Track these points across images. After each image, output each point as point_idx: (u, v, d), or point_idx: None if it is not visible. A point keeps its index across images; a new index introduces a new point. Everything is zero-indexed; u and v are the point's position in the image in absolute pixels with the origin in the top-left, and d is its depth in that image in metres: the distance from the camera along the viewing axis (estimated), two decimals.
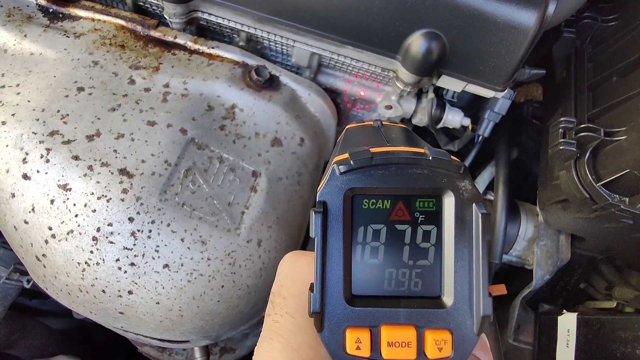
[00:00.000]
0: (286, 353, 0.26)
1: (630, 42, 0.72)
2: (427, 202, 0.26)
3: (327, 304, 0.25)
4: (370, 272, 0.26)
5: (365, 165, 0.25)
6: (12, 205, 0.54)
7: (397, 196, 0.26)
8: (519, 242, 1.00)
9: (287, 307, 0.28)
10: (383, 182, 0.25)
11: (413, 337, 0.24)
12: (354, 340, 0.24)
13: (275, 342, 0.27)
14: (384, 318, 0.25)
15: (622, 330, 0.77)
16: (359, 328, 0.25)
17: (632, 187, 0.67)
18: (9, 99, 0.57)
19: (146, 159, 0.56)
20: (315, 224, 0.25)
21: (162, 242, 0.54)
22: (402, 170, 0.25)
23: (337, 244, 0.25)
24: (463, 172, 0.25)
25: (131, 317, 0.56)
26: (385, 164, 0.25)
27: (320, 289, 0.25)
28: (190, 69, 0.66)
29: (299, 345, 0.27)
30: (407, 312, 0.25)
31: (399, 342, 0.24)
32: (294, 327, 0.27)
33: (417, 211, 0.26)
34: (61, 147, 0.54)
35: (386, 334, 0.24)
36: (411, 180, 0.25)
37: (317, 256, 0.25)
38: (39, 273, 0.56)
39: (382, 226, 0.26)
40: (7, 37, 0.64)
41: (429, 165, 0.25)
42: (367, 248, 0.26)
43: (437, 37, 0.61)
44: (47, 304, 1.37)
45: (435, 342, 0.24)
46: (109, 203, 0.53)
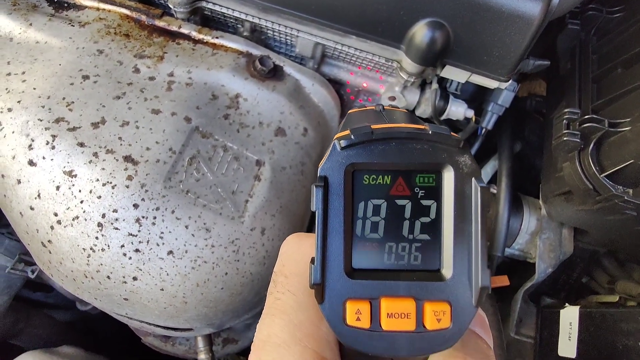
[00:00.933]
0: (287, 328, 0.27)
1: (636, 33, 0.72)
2: (427, 177, 0.26)
3: (327, 276, 0.25)
4: (370, 246, 0.26)
5: (365, 140, 0.25)
6: (18, 191, 0.54)
7: (397, 172, 0.26)
8: (522, 236, 1.00)
9: (289, 285, 0.29)
10: (383, 157, 0.26)
11: (412, 308, 0.25)
12: (354, 311, 0.25)
13: (277, 319, 0.27)
14: (384, 290, 0.25)
15: (625, 323, 0.77)
16: (359, 300, 0.25)
17: (636, 178, 0.67)
18: (15, 86, 0.58)
19: (151, 147, 0.57)
20: (316, 197, 0.25)
21: (167, 228, 0.54)
22: (402, 145, 0.26)
23: (338, 218, 0.26)
24: (462, 147, 0.26)
25: (136, 304, 0.57)
26: (385, 139, 0.26)
27: (321, 261, 0.25)
28: (195, 58, 0.67)
29: (300, 321, 0.27)
30: (407, 285, 0.25)
31: (399, 314, 0.25)
32: (295, 304, 0.28)
33: (417, 186, 0.26)
34: (67, 134, 0.55)
35: (386, 306, 0.25)
36: (411, 155, 0.26)
37: (317, 229, 0.26)
38: (45, 259, 0.57)
39: (383, 201, 0.26)
40: (13, 25, 0.64)
41: (428, 140, 0.26)
42: (368, 223, 0.26)
43: (441, 26, 0.61)
44: (52, 296, 1.38)
45: (434, 314, 0.25)
46: (114, 190, 0.53)
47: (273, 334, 0.27)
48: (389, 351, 0.25)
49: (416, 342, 0.25)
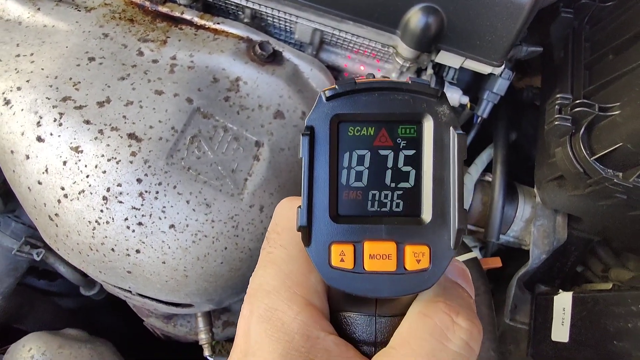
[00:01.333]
0: (278, 277, 0.28)
1: (627, 20, 0.74)
2: (408, 128, 0.27)
3: (314, 221, 0.27)
4: (354, 194, 0.27)
5: (349, 89, 0.27)
6: (27, 166, 0.56)
7: (380, 123, 0.27)
8: (517, 223, 1.02)
9: (281, 240, 0.30)
10: (367, 108, 0.27)
11: (393, 250, 0.26)
12: (338, 253, 0.26)
13: (269, 269, 0.29)
14: (367, 234, 0.26)
15: (616, 306, 0.79)
16: (343, 243, 0.26)
17: (626, 161, 0.68)
18: (24, 66, 0.60)
19: (154, 125, 0.59)
20: (303, 145, 0.27)
21: (169, 203, 0.56)
22: (384, 96, 0.27)
23: (324, 167, 0.27)
24: (441, 96, 0.27)
25: (138, 277, 0.59)
26: (368, 89, 0.27)
27: (307, 205, 0.26)
28: (197, 43, 0.69)
29: (290, 271, 0.29)
30: (389, 229, 0.27)
31: (380, 255, 0.26)
32: (286, 257, 0.29)
33: (399, 137, 0.27)
34: (73, 112, 0.57)
35: (368, 248, 0.26)
36: (393, 105, 0.27)
37: (304, 176, 0.27)
38: (51, 233, 0.59)
39: (367, 152, 0.27)
40: (22, 9, 0.66)
41: (409, 91, 0.27)
42: (352, 172, 0.27)
43: (435, 11, 0.63)
44: (55, 284, 1.40)
45: (414, 255, 0.26)
46: (119, 165, 0.56)
47: (264, 282, 0.29)
48: (371, 292, 0.26)
49: (397, 283, 0.26)
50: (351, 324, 0.29)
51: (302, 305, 0.28)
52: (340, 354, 0.27)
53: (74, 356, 0.93)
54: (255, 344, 0.27)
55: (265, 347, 0.27)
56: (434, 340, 0.26)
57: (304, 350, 0.26)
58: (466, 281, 0.30)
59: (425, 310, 0.28)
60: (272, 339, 0.27)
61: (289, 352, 0.26)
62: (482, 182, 1.02)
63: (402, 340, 0.27)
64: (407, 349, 0.26)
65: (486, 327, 0.69)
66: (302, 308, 0.28)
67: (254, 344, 0.27)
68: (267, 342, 0.27)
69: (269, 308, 0.28)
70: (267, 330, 0.27)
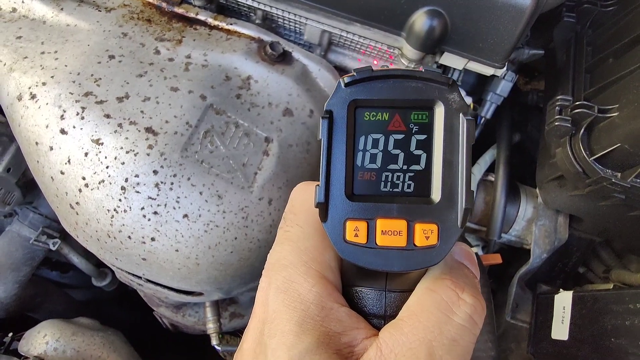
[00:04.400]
0: (295, 253, 0.31)
1: (627, 24, 0.76)
2: (420, 114, 0.29)
3: (330, 198, 0.28)
4: (369, 175, 0.29)
5: (366, 76, 0.28)
6: (50, 157, 0.60)
7: (394, 109, 0.29)
8: (519, 222, 1.04)
9: (297, 220, 0.32)
10: (382, 94, 0.28)
11: (404, 227, 0.28)
12: (352, 229, 0.28)
13: (286, 246, 0.31)
14: (380, 212, 0.28)
15: (615, 304, 0.80)
16: (358, 220, 0.28)
17: (624, 162, 0.70)
18: (48, 63, 0.63)
19: (169, 120, 0.62)
20: (322, 127, 0.28)
21: (183, 194, 0.59)
22: (399, 83, 0.28)
23: (341, 148, 0.28)
24: (452, 84, 0.28)
25: (152, 264, 0.62)
26: (384, 77, 0.28)
27: (325, 184, 0.28)
28: (210, 42, 0.72)
29: (306, 247, 0.31)
30: (400, 207, 0.28)
31: (392, 231, 0.28)
32: (302, 235, 0.31)
33: (411, 122, 0.29)
34: (95, 106, 0.60)
35: (381, 225, 0.28)
36: (406, 92, 0.28)
37: (322, 156, 0.28)
38: (72, 221, 0.62)
39: (381, 135, 0.29)
40: (46, 10, 0.70)
41: (422, 78, 0.28)
42: (367, 154, 0.29)
43: (439, 14, 0.66)
44: (67, 277, 1.44)
45: (423, 232, 0.28)
46: (136, 157, 0.59)
47: (282, 257, 0.31)
48: (383, 265, 0.28)
49: (407, 258, 0.28)
50: (363, 297, 0.31)
51: (317, 278, 0.30)
52: (351, 325, 0.29)
53: (87, 343, 0.96)
54: (273, 313, 0.29)
55: (282, 315, 0.28)
56: (440, 313, 0.28)
57: (318, 319, 0.28)
58: (472, 263, 0.32)
59: (433, 286, 0.29)
60: (289, 308, 0.29)
61: (305, 320, 0.28)
62: (485, 181, 1.04)
63: (410, 313, 0.29)
64: (414, 321, 0.28)
65: (488, 332, 0.70)
66: (317, 281, 0.29)
67: (272, 313, 0.29)
68: (285, 311, 0.29)
69: (286, 280, 0.30)
70: (284, 300, 0.29)
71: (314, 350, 0.27)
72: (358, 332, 0.29)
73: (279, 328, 0.28)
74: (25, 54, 0.65)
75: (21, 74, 0.63)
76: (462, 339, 0.28)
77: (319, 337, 0.28)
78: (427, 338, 0.27)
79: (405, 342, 0.27)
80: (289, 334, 0.28)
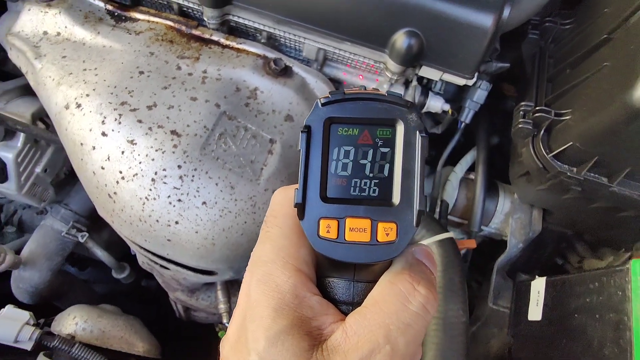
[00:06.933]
0: (274, 250, 0.34)
1: (581, 39, 0.88)
2: (385, 130, 0.33)
3: (307, 200, 0.32)
4: (340, 181, 0.33)
5: (339, 98, 0.33)
6: (93, 155, 0.73)
7: (363, 125, 0.33)
8: (497, 216, 1.15)
9: (276, 222, 0.35)
10: (353, 113, 0.33)
11: (368, 225, 0.32)
12: (325, 226, 0.32)
13: (266, 244, 0.35)
14: (349, 212, 0.32)
15: (578, 286, 0.91)
16: (330, 218, 0.32)
17: (577, 158, 0.82)
18: (90, 78, 0.76)
19: (190, 124, 0.75)
20: (302, 140, 0.33)
21: (202, 185, 0.72)
22: (367, 104, 0.33)
23: (317, 157, 0.33)
24: (410, 106, 0.33)
25: (176, 244, 0.74)
26: (354, 99, 0.33)
27: (303, 187, 0.32)
28: (223, 59, 0.85)
29: (284, 245, 0.34)
30: (366, 209, 0.32)
31: (358, 228, 0.32)
32: (280, 234, 0.35)
33: (377, 137, 0.33)
34: (129, 113, 0.73)
35: (349, 223, 0.32)
36: (373, 112, 0.33)
37: (301, 163, 0.33)
38: (109, 208, 0.75)
39: (352, 148, 0.33)
40: (85, 33, 0.84)
41: (386, 101, 0.33)
42: (339, 163, 0.33)
43: (416, 34, 0.79)
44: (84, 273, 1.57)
45: (385, 230, 0.32)
46: (164, 154, 0.71)
47: (263, 254, 0.35)
48: (350, 258, 0.32)
49: (371, 251, 0.32)
50: (334, 287, 0.35)
51: (292, 271, 0.33)
52: (321, 311, 0.33)
53: (111, 325, 1.08)
54: (254, 301, 0.33)
55: (262, 302, 0.32)
56: (398, 302, 0.32)
57: (293, 305, 0.32)
58: (430, 262, 0.36)
59: (393, 279, 0.33)
60: (267, 296, 0.32)
61: (281, 306, 0.32)
62: (467, 179, 1.16)
63: (373, 301, 0.33)
64: (376, 308, 0.32)
65: (457, 291, 0.81)
66: (292, 273, 0.33)
67: (253, 301, 0.33)
68: (264, 299, 0.32)
69: (265, 274, 0.33)
70: (264, 290, 0.33)
71: (288, 332, 0.31)
72: (327, 317, 0.33)
73: (258, 313, 0.32)
74: (70, 71, 0.78)
75: (67, 87, 0.76)
76: (415, 324, 0.32)
77: (293, 321, 0.31)
78: (385, 322, 0.31)
79: (367, 325, 0.31)
80: (267, 318, 0.31)
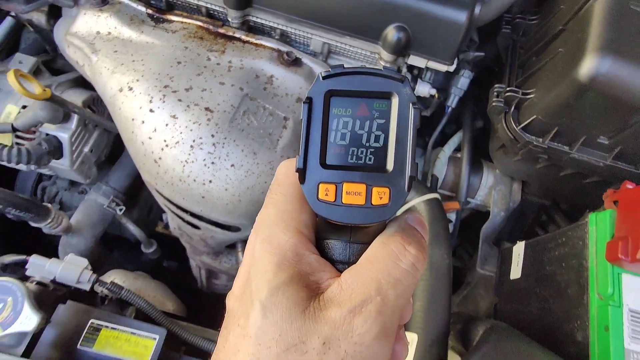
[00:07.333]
0: (277, 213, 0.36)
1: (544, 32, 1.05)
2: (381, 103, 0.35)
3: (308, 166, 0.34)
4: (339, 149, 0.35)
5: (339, 72, 0.35)
6: (142, 128, 0.90)
7: (360, 98, 0.35)
8: (482, 189, 1.31)
9: (280, 189, 0.38)
10: (351, 86, 0.34)
11: (363, 190, 0.34)
12: (324, 190, 0.34)
13: (270, 209, 0.37)
14: (346, 177, 0.34)
15: (549, 242, 1.06)
16: (328, 183, 0.34)
17: (541, 129, 0.98)
18: (138, 67, 0.94)
19: (220, 103, 0.92)
20: (304, 110, 0.34)
21: (231, 150, 0.89)
22: (364, 78, 0.35)
23: (317, 128, 0.34)
24: (404, 81, 0.34)
25: (208, 201, 0.91)
26: (353, 73, 0.35)
27: (304, 154, 0.34)
28: (244, 52, 1.02)
29: (287, 209, 0.36)
30: (361, 175, 0.34)
31: (354, 192, 0.34)
32: (284, 200, 0.37)
33: (374, 109, 0.35)
34: (171, 94, 0.91)
35: (346, 187, 0.34)
36: (370, 85, 0.34)
37: (302, 133, 0.34)
38: (154, 172, 0.92)
39: (350, 119, 0.35)
40: (131, 32, 1.02)
41: (382, 75, 0.35)
42: (338, 133, 0.35)
43: (404, 28, 0.95)
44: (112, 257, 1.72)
45: (378, 194, 0.34)
46: (200, 126, 0.89)
47: (267, 217, 0.36)
48: (346, 219, 0.34)
49: (365, 214, 0.34)
50: (331, 248, 0.37)
51: (294, 232, 0.35)
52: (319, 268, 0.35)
53: (145, 286, 1.24)
54: (258, 258, 0.35)
55: (265, 259, 0.34)
56: (389, 260, 0.34)
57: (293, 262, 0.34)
58: (422, 227, 0.38)
59: (386, 240, 0.35)
60: (270, 253, 0.34)
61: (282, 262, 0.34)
62: (454, 158, 1.32)
63: (367, 260, 0.35)
64: (369, 265, 0.34)
65: (442, 241, 0.97)
66: (293, 234, 0.35)
67: (257, 258, 0.35)
68: (267, 256, 0.34)
69: (269, 234, 0.35)
70: (267, 248, 0.35)
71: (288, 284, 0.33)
72: (324, 273, 0.35)
73: (261, 268, 0.34)
74: (122, 62, 0.96)
75: (120, 74, 0.94)
76: (405, 280, 0.34)
77: (293, 275, 0.34)
78: (377, 277, 0.33)
79: (361, 280, 0.33)
80: (270, 272, 0.34)
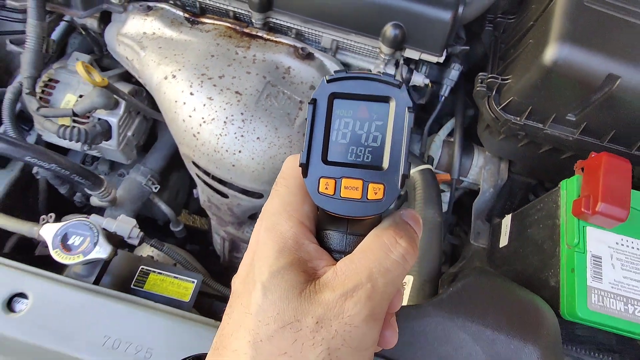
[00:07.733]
0: (281, 204, 0.38)
1: (519, 28, 1.23)
2: (380, 106, 0.37)
3: (310, 161, 0.36)
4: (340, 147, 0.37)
5: (342, 76, 0.37)
6: (183, 108, 1.09)
7: (361, 101, 0.37)
8: (473, 169, 1.47)
9: (285, 182, 0.39)
10: (353, 90, 0.37)
11: (360, 185, 0.36)
12: (324, 184, 0.36)
13: (275, 200, 0.39)
14: (345, 173, 0.36)
15: (531, 209, 1.22)
16: (329, 178, 0.36)
17: (518, 109, 1.15)
18: (180, 59, 1.14)
19: (247, 88, 1.11)
20: (309, 111, 0.36)
21: (257, 125, 1.07)
22: (365, 82, 0.37)
23: (321, 127, 0.36)
24: (401, 86, 0.36)
25: (237, 169, 1.09)
26: (354, 77, 0.37)
27: (307, 150, 0.36)
28: (266, 48, 1.22)
29: (290, 201, 0.38)
30: (359, 171, 0.36)
31: (352, 187, 0.36)
32: (288, 192, 0.39)
33: (373, 111, 0.37)
34: (207, 81, 1.10)
35: (344, 182, 0.36)
36: (370, 89, 0.36)
37: (307, 132, 0.36)
38: (192, 145, 1.10)
39: (351, 120, 0.37)
40: (172, 32, 1.22)
41: (381, 81, 0.37)
42: (340, 133, 0.37)
43: (400, 26, 1.14)
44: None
45: (374, 190, 0.36)
46: (231, 106, 1.08)
47: (272, 208, 0.39)
48: (344, 211, 0.36)
49: (361, 207, 0.36)
50: (329, 238, 0.39)
51: (295, 222, 0.37)
52: (317, 256, 0.37)
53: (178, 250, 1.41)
54: (262, 244, 0.37)
55: (267, 245, 0.36)
56: (381, 251, 0.36)
57: (293, 249, 0.36)
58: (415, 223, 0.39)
59: (380, 232, 0.37)
60: (273, 241, 0.36)
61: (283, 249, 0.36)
62: (448, 142, 1.49)
63: (361, 250, 0.37)
64: (363, 255, 0.36)
65: (434, 203, 1.13)
66: (295, 224, 0.37)
67: (261, 244, 0.37)
68: (270, 243, 0.36)
69: (273, 223, 0.37)
70: (270, 236, 0.37)
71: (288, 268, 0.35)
72: (321, 261, 0.37)
73: (264, 253, 0.36)
74: (166, 55, 1.16)
75: (165, 66, 1.14)
76: (395, 269, 0.35)
77: (292, 261, 0.35)
78: (369, 266, 0.35)
79: (354, 268, 0.35)
80: (271, 257, 0.36)
